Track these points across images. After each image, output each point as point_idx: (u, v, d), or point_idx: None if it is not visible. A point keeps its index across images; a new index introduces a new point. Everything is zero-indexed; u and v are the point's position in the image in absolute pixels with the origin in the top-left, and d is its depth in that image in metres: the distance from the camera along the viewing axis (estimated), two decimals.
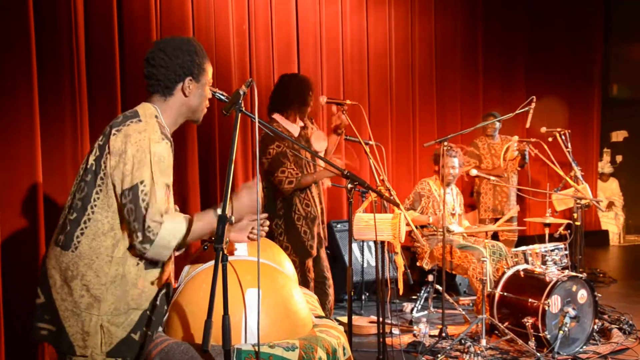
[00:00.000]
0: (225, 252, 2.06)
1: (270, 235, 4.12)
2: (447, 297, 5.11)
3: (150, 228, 2.24)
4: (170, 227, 2.28)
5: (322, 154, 4.21)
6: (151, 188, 2.27)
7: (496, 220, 6.81)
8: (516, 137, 6.63)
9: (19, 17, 3.85)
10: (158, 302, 2.46)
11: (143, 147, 2.29)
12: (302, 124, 4.30)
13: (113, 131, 2.33)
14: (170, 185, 2.37)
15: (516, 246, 6.18)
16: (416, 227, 5.37)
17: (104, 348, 2.34)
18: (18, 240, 3.84)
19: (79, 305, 2.32)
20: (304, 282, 4.08)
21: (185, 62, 2.45)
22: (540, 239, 5.35)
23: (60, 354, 2.40)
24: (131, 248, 2.35)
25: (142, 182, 2.27)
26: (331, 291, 4.37)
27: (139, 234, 2.25)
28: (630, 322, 5.08)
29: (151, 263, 2.41)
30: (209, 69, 2.55)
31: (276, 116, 4.23)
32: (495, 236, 6.64)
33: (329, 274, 4.37)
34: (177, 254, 2.69)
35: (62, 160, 4.13)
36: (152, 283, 2.43)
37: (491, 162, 6.80)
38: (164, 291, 2.49)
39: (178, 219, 2.33)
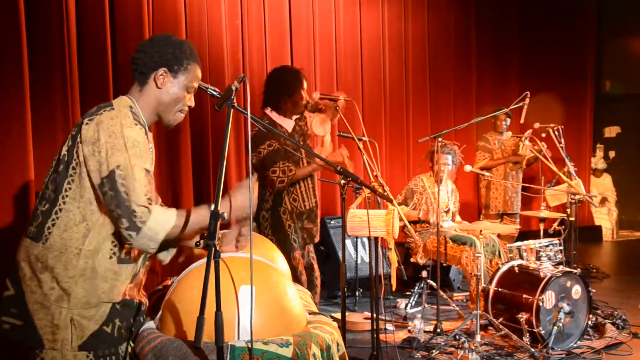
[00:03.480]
0: (218, 248, 2.04)
1: (258, 227, 4.11)
2: (441, 293, 5.11)
3: (136, 213, 2.19)
4: (159, 218, 2.23)
5: (326, 138, 4.19)
6: (128, 171, 2.21)
7: (502, 215, 6.82)
8: (509, 133, 6.64)
9: (9, 14, 3.82)
10: (127, 296, 2.43)
11: (115, 132, 2.24)
12: (296, 116, 4.26)
13: (85, 120, 2.29)
14: (149, 171, 2.31)
15: (516, 241, 6.18)
16: (409, 223, 5.37)
17: (74, 343, 2.30)
18: (9, 236, 3.82)
19: (48, 298, 2.29)
20: (293, 274, 4.07)
21: (165, 52, 2.39)
22: (535, 235, 5.36)
23: (29, 348, 2.36)
24: (110, 240, 2.33)
25: (118, 167, 2.21)
26: (317, 282, 4.36)
27: (124, 220, 2.19)
28: (624, 317, 5.09)
29: (125, 258, 2.39)
30: (193, 71, 2.45)
31: (268, 111, 4.18)
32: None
33: (315, 265, 4.36)
34: (167, 260, 2.67)
35: (53, 156, 4.10)
36: (125, 278, 2.40)
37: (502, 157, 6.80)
38: (133, 285, 2.46)
39: (169, 211, 2.29)
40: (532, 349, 4.32)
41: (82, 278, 2.31)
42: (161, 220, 2.24)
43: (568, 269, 4.67)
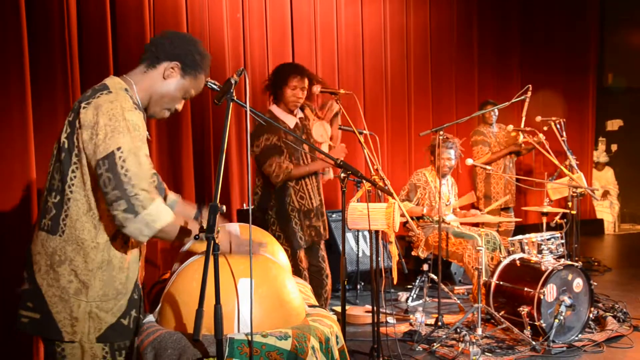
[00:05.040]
0: (217, 242, 2.04)
1: (263, 225, 4.11)
2: (443, 286, 5.11)
3: (138, 196, 2.16)
4: (160, 208, 2.21)
5: (325, 143, 4.20)
6: (131, 154, 2.18)
7: (504, 209, 6.82)
8: (511, 127, 6.63)
9: (10, 8, 3.82)
10: (140, 285, 2.46)
11: (116, 115, 2.20)
12: (300, 114, 4.27)
13: (83, 105, 2.25)
14: (148, 155, 2.28)
15: (514, 235, 6.18)
16: (411, 218, 5.36)
17: (91, 335, 2.30)
18: (12, 232, 3.82)
19: (67, 291, 2.28)
20: (296, 272, 4.07)
21: (186, 50, 2.39)
22: (537, 228, 5.35)
23: (47, 340, 2.35)
24: (115, 232, 2.31)
25: (118, 149, 2.17)
26: (328, 281, 4.37)
27: (122, 202, 2.15)
28: (625, 310, 5.09)
29: (132, 244, 2.38)
30: (199, 82, 2.46)
31: (272, 107, 4.19)
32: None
33: (325, 264, 4.37)
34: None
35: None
36: (134, 264, 2.41)
37: (499, 149, 6.79)
38: (138, 274, 2.47)
39: (169, 208, 2.27)
40: (534, 342, 4.33)
41: (100, 271, 2.30)
42: (162, 211, 2.22)
43: (569, 262, 4.67)
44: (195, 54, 2.41)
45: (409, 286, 5.98)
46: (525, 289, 4.51)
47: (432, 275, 5.49)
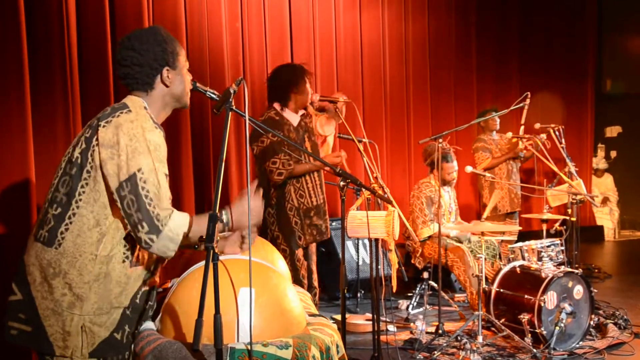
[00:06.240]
0: (216, 251, 2.04)
1: (263, 224, 4.13)
2: (443, 294, 5.10)
3: (159, 216, 2.19)
4: (178, 219, 2.24)
5: (329, 138, 4.22)
6: (151, 175, 2.22)
7: (509, 214, 6.82)
8: (509, 134, 6.63)
9: (10, 12, 3.83)
10: (138, 300, 2.44)
11: (137, 136, 2.23)
12: (302, 112, 4.30)
13: (102, 123, 2.26)
14: (167, 175, 2.32)
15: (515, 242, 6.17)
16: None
17: (84, 350, 2.28)
18: (10, 236, 3.82)
19: (60, 304, 2.26)
20: (293, 272, 4.08)
21: (157, 53, 2.38)
22: (537, 235, 5.35)
23: (39, 354, 2.33)
24: (122, 244, 2.32)
25: (139, 170, 2.20)
26: (316, 284, 4.38)
27: (144, 224, 2.18)
28: (625, 317, 5.08)
29: (136, 262, 2.38)
30: (182, 52, 2.49)
31: (276, 105, 4.23)
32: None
33: (315, 268, 4.38)
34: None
35: (54, 156, 4.11)
36: (135, 281, 2.40)
37: (500, 155, 6.79)
38: (145, 288, 2.46)
39: (184, 213, 2.30)
40: (534, 350, 4.32)
41: (97, 283, 2.29)
42: (180, 221, 2.25)
43: (570, 269, 4.66)
44: (162, 47, 2.40)
45: (409, 294, 5.96)
46: (526, 296, 4.51)
47: (432, 283, 5.48)
